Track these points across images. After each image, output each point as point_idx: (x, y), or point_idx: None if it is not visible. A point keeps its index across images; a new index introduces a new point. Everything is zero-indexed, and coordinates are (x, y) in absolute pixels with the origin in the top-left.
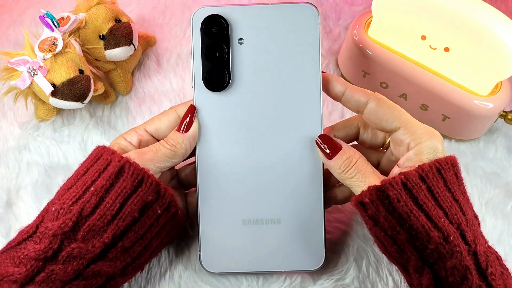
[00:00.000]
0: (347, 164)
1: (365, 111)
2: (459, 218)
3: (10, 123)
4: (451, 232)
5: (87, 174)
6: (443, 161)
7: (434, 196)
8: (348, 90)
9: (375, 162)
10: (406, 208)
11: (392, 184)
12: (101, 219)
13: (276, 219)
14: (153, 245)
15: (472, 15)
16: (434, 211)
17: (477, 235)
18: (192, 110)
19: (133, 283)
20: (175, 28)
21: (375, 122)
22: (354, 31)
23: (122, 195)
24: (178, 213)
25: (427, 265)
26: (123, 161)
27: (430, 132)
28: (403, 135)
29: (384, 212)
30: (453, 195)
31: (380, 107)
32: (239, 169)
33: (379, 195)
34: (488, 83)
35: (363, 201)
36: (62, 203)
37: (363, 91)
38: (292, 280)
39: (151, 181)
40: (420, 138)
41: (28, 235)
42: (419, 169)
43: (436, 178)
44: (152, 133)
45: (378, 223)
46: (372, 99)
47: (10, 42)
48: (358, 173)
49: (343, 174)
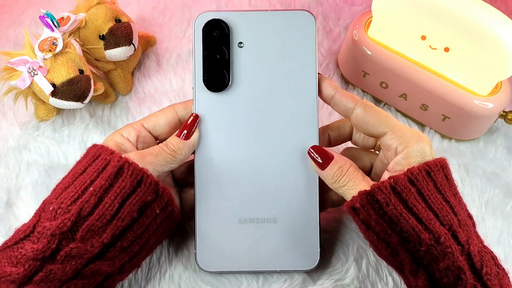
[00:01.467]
0: (339, 173)
1: (352, 116)
2: (451, 219)
3: (10, 123)
4: (442, 234)
5: (86, 173)
6: (432, 163)
7: (424, 199)
8: (337, 94)
9: (369, 164)
10: (396, 212)
11: (381, 189)
12: (100, 219)
13: (272, 218)
14: (150, 243)
15: (472, 15)
16: (425, 213)
17: (470, 235)
18: (195, 119)
19: (133, 283)
20: (175, 28)
21: (362, 127)
22: (354, 31)
23: (121, 195)
24: (175, 211)
25: (422, 267)
26: (122, 161)
27: (417, 135)
28: (390, 140)
29: (374, 216)
30: (443, 196)
31: (367, 112)
32: (237, 169)
33: (369, 199)
34: (488, 83)
35: (354, 206)
36: (60, 203)
37: (351, 97)
38: (293, 280)
39: (150, 181)
40: (407, 142)
41: (25, 235)
42: (408, 173)
43: (426, 181)
44: (149, 130)
45: (370, 227)
46: (358, 105)
47: (10, 42)
48: (349, 181)
49: (335, 184)
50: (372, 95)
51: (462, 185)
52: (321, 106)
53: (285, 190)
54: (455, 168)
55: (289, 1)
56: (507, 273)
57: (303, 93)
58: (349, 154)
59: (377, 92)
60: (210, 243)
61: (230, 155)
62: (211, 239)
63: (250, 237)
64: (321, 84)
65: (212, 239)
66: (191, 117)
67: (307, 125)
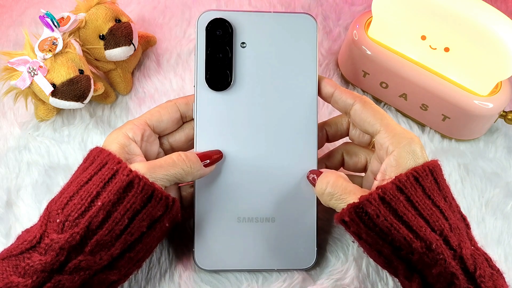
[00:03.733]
0: (324, 186)
1: (351, 112)
2: (442, 224)
3: (10, 123)
4: (433, 240)
5: (91, 182)
6: (420, 169)
7: (414, 205)
8: (337, 91)
9: (364, 160)
10: (387, 223)
11: (370, 200)
12: (109, 234)
13: (270, 217)
14: (153, 248)
15: (472, 15)
16: (415, 221)
17: (462, 238)
18: (220, 158)
19: (133, 283)
20: (175, 28)
21: (359, 123)
22: (354, 31)
23: (131, 211)
24: (179, 216)
25: (415, 271)
26: (132, 175)
27: (409, 137)
28: (383, 138)
29: (364, 228)
30: (433, 201)
31: (364, 109)
32: (236, 167)
33: (358, 212)
34: (488, 83)
35: (343, 219)
36: (67, 215)
37: (350, 93)
38: (292, 280)
39: (161, 195)
40: (399, 142)
41: (32, 245)
42: (396, 181)
43: (414, 187)
44: (153, 127)
45: (361, 238)
46: (357, 102)
47: (10, 42)
48: (335, 194)
49: (323, 197)
50: (372, 95)
51: (462, 185)
52: (321, 106)
53: (283, 189)
54: (455, 168)
55: (289, 1)
56: (502, 274)
57: (303, 93)
58: (346, 149)
59: (377, 92)
60: (208, 242)
61: (230, 154)
62: (210, 237)
63: (248, 236)
64: (320, 83)
65: (210, 238)
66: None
67: (306, 125)
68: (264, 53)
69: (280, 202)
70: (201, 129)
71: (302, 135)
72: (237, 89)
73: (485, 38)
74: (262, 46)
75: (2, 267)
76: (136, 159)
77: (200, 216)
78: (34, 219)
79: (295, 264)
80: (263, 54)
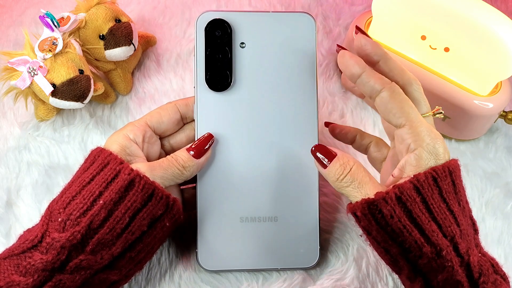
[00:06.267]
0: (341, 171)
1: (376, 99)
2: (453, 230)
3: (10, 123)
4: (444, 247)
5: (94, 182)
6: (439, 169)
7: (429, 208)
8: (365, 74)
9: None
10: (400, 224)
11: (386, 200)
12: (110, 233)
13: (273, 217)
14: (154, 249)
15: (472, 15)
16: (428, 224)
17: (470, 245)
18: (208, 139)
19: (133, 283)
20: (175, 28)
21: (383, 112)
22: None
23: (132, 209)
24: (181, 217)
25: (420, 274)
26: (133, 174)
27: (433, 136)
28: (406, 134)
29: (376, 226)
30: (448, 205)
31: (392, 99)
32: (238, 168)
33: (372, 209)
34: (488, 83)
35: (355, 213)
36: (68, 214)
37: (379, 78)
38: (292, 280)
39: (161, 194)
40: (422, 141)
41: (33, 244)
42: (414, 180)
43: (431, 188)
44: (154, 129)
45: (371, 234)
46: (386, 89)
47: (10, 42)
48: (353, 182)
49: (337, 183)
50: None
51: None
52: (321, 106)
53: (286, 188)
54: None
55: (289, 1)
56: (508, 278)
57: (303, 93)
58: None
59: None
60: (211, 242)
61: (232, 154)
62: (213, 238)
63: (251, 236)
64: (348, 62)
65: (213, 238)
66: (204, 136)
67: (307, 124)
68: (264, 53)
69: (282, 201)
70: (202, 130)
71: (302, 135)
72: (237, 89)
73: (485, 38)
74: (262, 46)
75: (4, 266)
76: (137, 160)
77: (202, 217)
78: (34, 219)
79: (299, 262)
80: (262, 54)
